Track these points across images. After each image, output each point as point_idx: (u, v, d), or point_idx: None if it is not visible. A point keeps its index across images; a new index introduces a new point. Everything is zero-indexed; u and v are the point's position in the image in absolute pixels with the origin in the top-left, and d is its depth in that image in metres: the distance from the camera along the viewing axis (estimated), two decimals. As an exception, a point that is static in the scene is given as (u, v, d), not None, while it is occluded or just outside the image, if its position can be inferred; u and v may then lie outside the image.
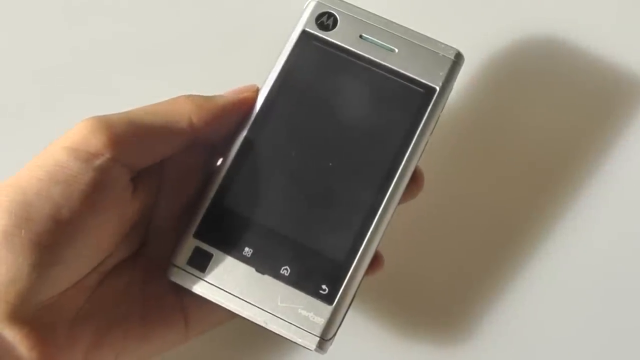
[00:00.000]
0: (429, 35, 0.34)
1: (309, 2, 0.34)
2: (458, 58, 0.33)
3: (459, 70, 0.34)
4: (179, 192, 0.34)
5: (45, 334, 0.28)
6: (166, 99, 0.32)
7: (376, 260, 0.34)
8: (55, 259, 0.28)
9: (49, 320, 0.28)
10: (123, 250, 0.32)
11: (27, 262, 0.27)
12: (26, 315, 0.27)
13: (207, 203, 0.32)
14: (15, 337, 0.27)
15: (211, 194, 0.32)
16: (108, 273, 0.32)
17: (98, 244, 0.30)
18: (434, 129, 0.33)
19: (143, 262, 0.33)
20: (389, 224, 0.32)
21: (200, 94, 0.32)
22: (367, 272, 0.33)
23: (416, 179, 0.34)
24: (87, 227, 0.29)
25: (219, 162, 0.33)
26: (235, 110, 0.33)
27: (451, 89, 0.34)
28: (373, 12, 0.34)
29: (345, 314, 0.32)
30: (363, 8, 0.34)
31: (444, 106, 0.34)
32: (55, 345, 0.28)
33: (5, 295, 0.27)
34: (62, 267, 0.28)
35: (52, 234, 0.28)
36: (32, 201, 0.28)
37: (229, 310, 0.32)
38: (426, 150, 0.34)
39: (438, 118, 0.33)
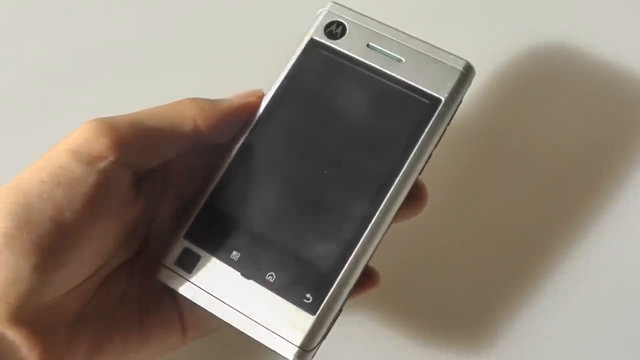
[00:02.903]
0: (439, 46, 0.33)
1: (321, 11, 0.34)
2: (467, 70, 0.32)
3: (469, 82, 0.33)
4: (182, 194, 0.34)
5: (45, 336, 0.28)
6: (171, 101, 0.32)
7: (371, 277, 0.33)
8: (57, 262, 0.28)
9: (49, 323, 0.29)
10: (124, 253, 0.33)
11: (28, 264, 0.27)
12: (27, 317, 0.27)
13: (199, 205, 0.32)
14: (15, 339, 0.27)
15: (205, 196, 0.32)
16: (108, 276, 0.32)
17: (100, 246, 0.30)
18: (439, 141, 0.32)
19: (142, 264, 0.33)
20: (383, 238, 0.31)
21: (205, 97, 0.33)
22: (360, 289, 0.32)
23: (420, 195, 0.33)
24: (90, 230, 0.29)
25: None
26: (240, 115, 0.33)
27: (460, 101, 0.33)
28: (384, 22, 0.34)
29: (330, 326, 0.31)
30: (373, 18, 0.34)
31: (451, 118, 0.32)
32: (56, 347, 0.29)
33: (6, 297, 0.27)
34: (64, 270, 0.28)
35: (54, 237, 0.28)
36: (34, 203, 0.28)
37: None
38: (436, 164, 0.32)
39: (444, 130, 0.32)
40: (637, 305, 0.38)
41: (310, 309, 0.30)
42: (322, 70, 0.33)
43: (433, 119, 0.32)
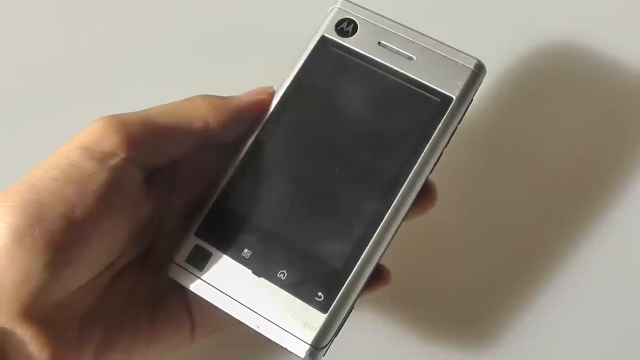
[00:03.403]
0: (450, 44, 0.33)
1: (332, 8, 0.34)
2: (479, 68, 0.32)
3: (480, 80, 0.33)
4: (192, 191, 0.34)
5: (56, 333, 0.28)
6: (181, 98, 0.32)
7: (382, 276, 0.33)
8: (68, 259, 0.28)
9: (59, 319, 0.28)
10: (134, 250, 0.32)
11: (40, 261, 0.27)
12: (38, 314, 0.27)
13: (210, 202, 0.32)
14: (26, 336, 0.27)
15: (215, 193, 0.32)
16: (118, 272, 0.32)
17: (111, 243, 0.30)
18: (449, 140, 0.32)
19: (152, 261, 0.33)
20: (394, 236, 0.31)
21: (216, 95, 0.33)
22: (371, 287, 0.32)
23: (430, 193, 0.33)
24: (101, 227, 0.29)
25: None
26: (250, 112, 0.33)
27: (471, 100, 0.33)
28: (395, 19, 0.33)
29: (341, 324, 0.31)
30: (385, 15, 0.34)
31: (462, 117, 0.32)
32: (66, 343, 0.29)
33: (18, 294, 0.27)
34: (74, 267, 0.28)
35: (65, 234, 0.28)
36: (45, 201, 0.28)
37: None
38: (445, 163, 0.32)
39: (455, 129, 0.32)
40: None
41: (322, 307, 0.30)
42: (332, 68, 0.33)
43: (444, 117, 0.32)
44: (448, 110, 0.32)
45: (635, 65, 0.42)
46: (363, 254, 0.31)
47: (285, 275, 0.31)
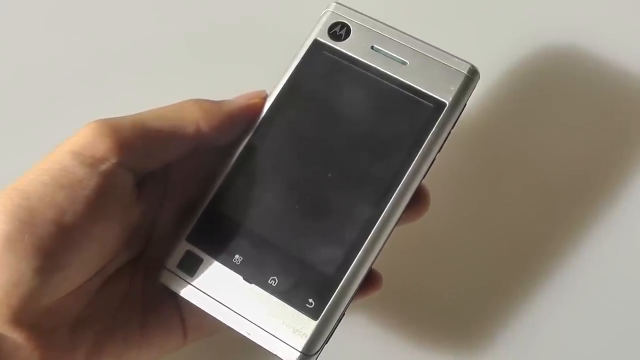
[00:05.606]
0: (444, 48, 0.33)
1: (325, 11, 0.34)
2: (472, 73, 0.32)
3: (474, 85, 0.32)
4: (184, 196, 0.34)
5: (46, 338, 0.28)
6: (174, 102, 0.32)
7: (373, 280, 0.32)
8: (58, 264, 0.28)
9: (50, 324, 0.29)
10: (126, 255, 0.32)
11: (30, 266, 0.27)
12: (28, 318, 0.27)
13: (202, 207, 0.32)
14: (17, 341, 0.27)
15: (207, 198, 0.32)
16: (110, 277, 0.32)
17: (102, 248, 0.30)
18: (443, 145, 0.32)
19: (144, 266, 0.33)
20: (387, 241, 0.31)
21: (208, 99, 0.32)
22: (363, 292, 0.32)
23: (423, 198, 0.33)
24: (91, 232, 0.29)
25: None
26: (243, 116, 0.33)
27: (464, 105, 0.32)
28: (389, 23, 0.33)
29: (332, 331, 0.31)
30: (378, 19, 0.33)
31: (455, 122, 0.32)
32: (56, 348, 0.29)
33: (8, 299, 0.27)
34: (65, 272, 0.28)
35: (56, 239, 0.28)
36: (35, 206, 0.28)
37: None
38: (438, 168, 0.32)
39: (449, 134, 0.32)
40: (637, 304, 0.38)
41: (313, 313, 0.30)
42: (325, 72, 0.33)
43: (437, 122, 0.31)
44: (441, 116, 0.31)
45: (632, 67, 0.41)
46: (355, 260, 0.30)
47: (277, 281, 0.31)
